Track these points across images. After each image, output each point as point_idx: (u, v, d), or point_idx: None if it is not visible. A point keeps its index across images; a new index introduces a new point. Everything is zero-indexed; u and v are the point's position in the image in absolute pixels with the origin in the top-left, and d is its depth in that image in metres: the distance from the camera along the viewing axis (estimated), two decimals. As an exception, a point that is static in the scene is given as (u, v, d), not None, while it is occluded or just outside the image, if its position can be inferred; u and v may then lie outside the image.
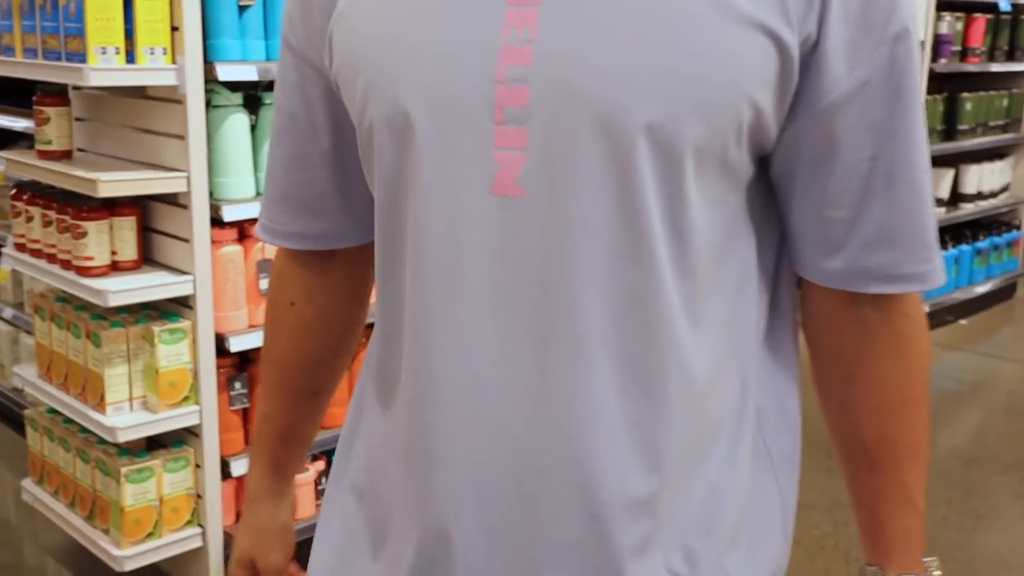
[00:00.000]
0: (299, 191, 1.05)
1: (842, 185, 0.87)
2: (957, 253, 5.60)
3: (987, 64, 5.44)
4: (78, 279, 2.55)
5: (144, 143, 2.67)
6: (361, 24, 0.88)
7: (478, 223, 0.83)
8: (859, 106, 0.84)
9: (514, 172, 0.81)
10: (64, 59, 2.44)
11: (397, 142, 0.86)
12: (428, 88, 0.83)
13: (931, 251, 0.90)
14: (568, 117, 0.79)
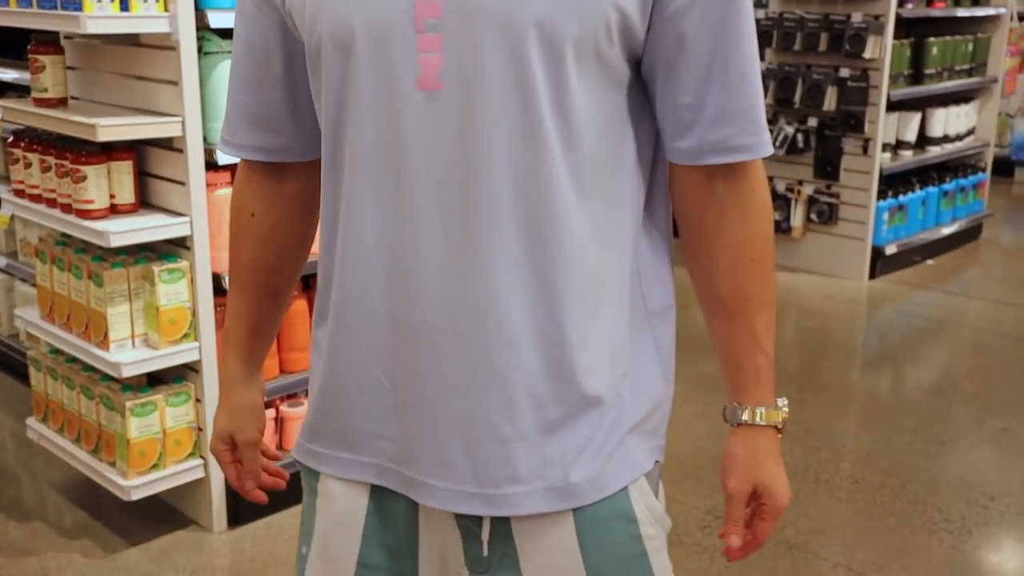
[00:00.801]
0: (256, 110, 1.23)
1: (689, 75, 1.07)
2: (924, 195, 5.75)
3: (953, 9, 5.56)
4: (79, 222, 2.65)
5: (137, 90, 2.75)
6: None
7: (409, 112, 1.03)
8: (698, 10, 1.04)
9: (435, 70, 1.01)
10: (60, 7, 2.52)
11: (342, 54, 1.05)
12: (364, 9, 1.03)
13: (759, 127, 1.10)
14: (472, 23, 0.99)
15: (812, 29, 5.14)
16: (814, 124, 5.32)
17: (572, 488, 1.09)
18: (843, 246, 5.46)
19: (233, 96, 1.24)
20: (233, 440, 1.35)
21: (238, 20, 1.21)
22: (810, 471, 3.39)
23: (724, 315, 1.17)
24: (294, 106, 1.22)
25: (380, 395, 1.12)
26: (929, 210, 5.81)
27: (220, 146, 1.29)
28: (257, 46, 1.19)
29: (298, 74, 1.19)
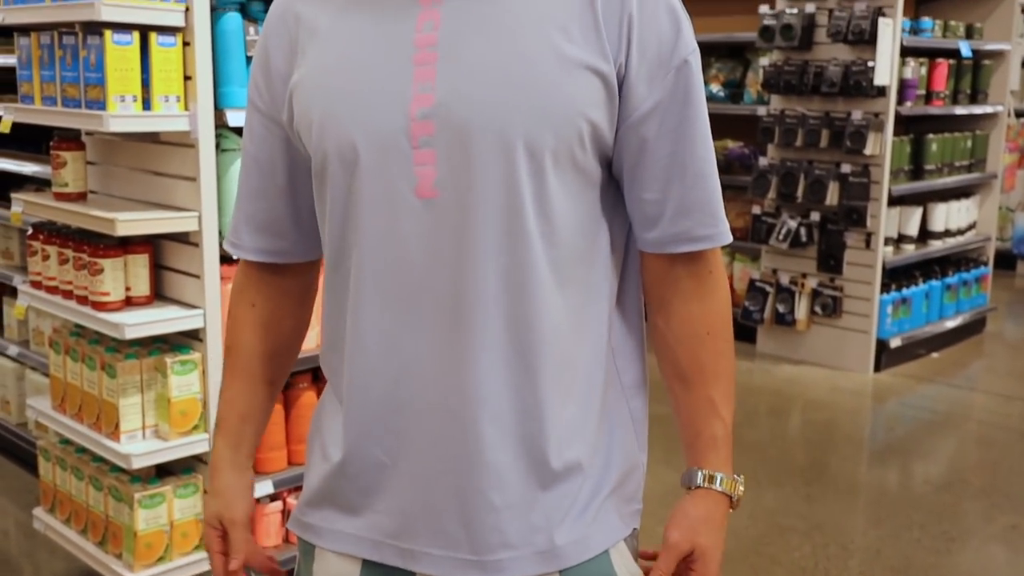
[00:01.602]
0: (261, 216, 1.35)
1: (651, 174, 1.20)
2: (927, 288, 5.79)
3: (951, 107, 5.68)
4: (95, 313, 2.69)
5: (155, 184, 2.82)
6: (313, 88, 1.21)
7: (408, 218, 1.15)
8: (658, 117, 1.18)
9: (430, 180, 1.14)
10: (84, 107, 2.60)
11: (347, 168, 1.18)
12: (365, 127, 1.16)
13: (717, 219, 1.23)
14: (462, 139, 1.13)
15: (813, 126, 5.25)
16: (817, 218, 5.40)
17: (558, 550, 1.19)
18: (848, 339, 5.49)
19: (240, 205, 1.37)
20: (222, 523, 1.39)
21: (247, 137, 1.34)
22: (819, 567, 3.37)
23: (683, 383, 1.28)
24: (296, 213, 1.34)
25: (379, 472, 1.21)
26: (933, 303, 5.85)
27: (227, 247, 1.40)
28: (263, 160, 1.33)
29: (301, 185, 1.32)
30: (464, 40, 1.14)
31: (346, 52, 1.19)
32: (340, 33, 1.20)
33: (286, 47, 1.25)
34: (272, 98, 1.28)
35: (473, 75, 1.13)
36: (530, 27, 1.14)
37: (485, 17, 1.14)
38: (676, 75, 1.17)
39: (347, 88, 1.17)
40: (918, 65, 5.36)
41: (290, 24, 1.25)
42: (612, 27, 1.14)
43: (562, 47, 1.13)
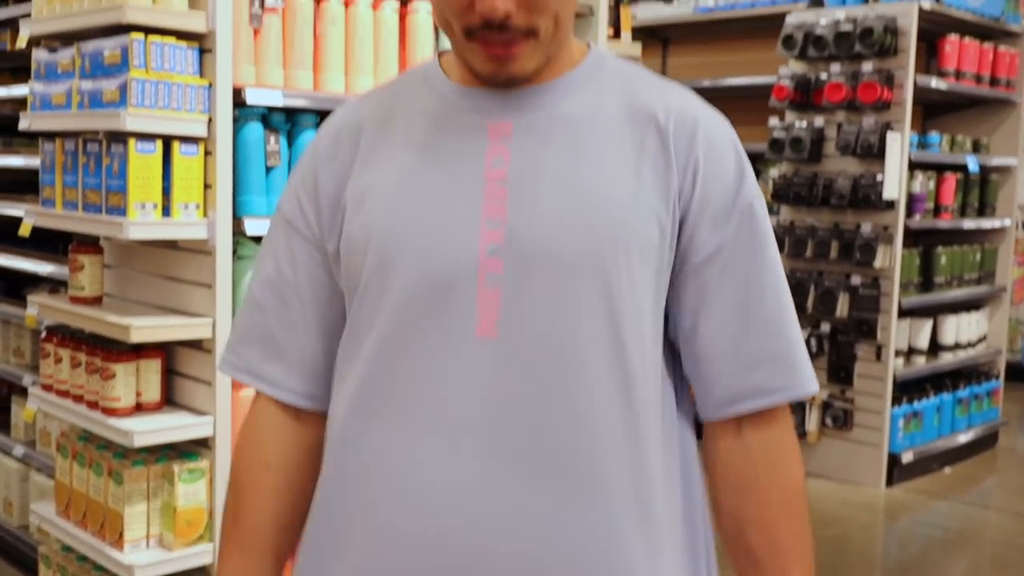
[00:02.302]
0: (296, 352, 1.22)
1: (713, 325, 1.13)
2: (939, 402, 5.75)
3: (959, 220, 5.71)
4: (104, 419, 2.67)
5: (170, 290, 2.83)
6: (372, 209, 1.14)
7: (464, 359, 1.09)
8: (719, 263, 1.13)
9: (493, 320, 1.09)
10: (104, 213, 2.62)
11: (400, 298, 1.11)
12: (427, 258, 1.10)
13: (795, 369, 1.14)
14: (532, 279, 1.08)
15: (823, 237, 5.27)
16: (827, 329, 5.39)
17: None
18: (859, 452, 5.42)
19: (274, 336, 1.23)
20: None
21: (282, 262, 1.23)
22: None
23: (756, 568, 1.17)
24: (329, 352, 1.22)
25: None
26: (944, 417, 5.79)
27: (251, 380, 1.25)
28: (305, 290, 1.21)
29: (337, 320, 1.22)
30: (535, 176, 1.11)
31: (411, 177, 1.14)
32: (404, 156, 1.16)
33: (339, 167, 1.19)
34: (319, 223, 1.20)
35: (545, 213, 1.09)
36: (603, 165, 1.11)
37: (556, 153, 1.12)
38: (740, 219, 1.14)
39: (410, 215, 1.12)
40: (926, 179, 5.41)
41: (345, 142, 1.20)
42: (681, 167, 1.12)
43: (635, 187, 1.10)
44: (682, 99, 1.17)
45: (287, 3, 2.79)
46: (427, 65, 1.24)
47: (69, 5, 2.74)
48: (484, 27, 1.07)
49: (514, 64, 1.10)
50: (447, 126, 1.16)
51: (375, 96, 1.25)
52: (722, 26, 6.13)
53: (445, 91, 1.18)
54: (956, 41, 5.34)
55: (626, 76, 1.19)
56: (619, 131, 1.13)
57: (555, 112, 1.14)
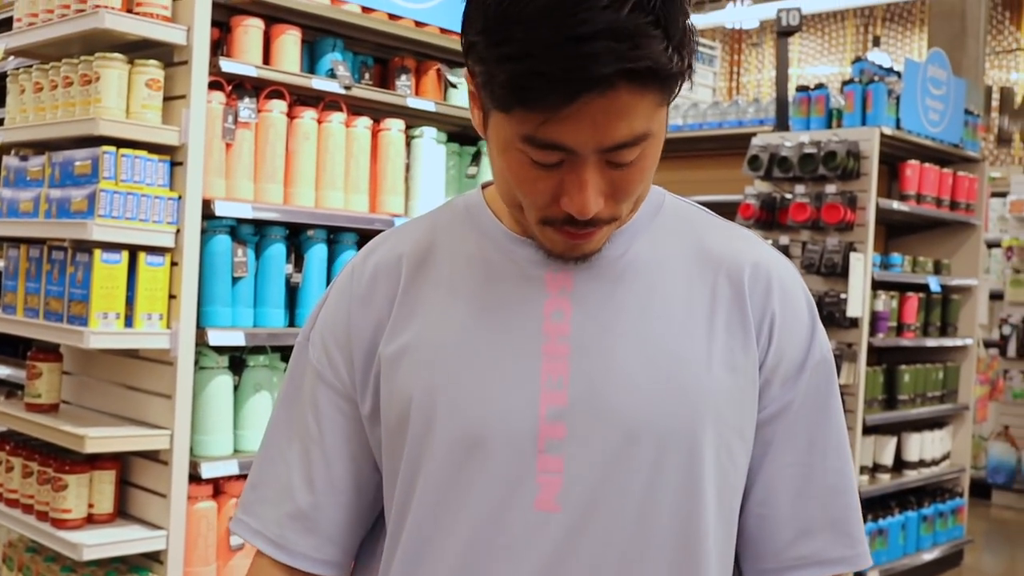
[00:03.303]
0: (316, 514, 1.10)
1: (772, 485, 1.06)
2: (903, 519, 5.73)
3: (922, 339, 5.78)
4: (53, 531, 2.61)
5: (129, 399, 2.80)
6: (418, 363, 1.04)
7: (521, 533, 0.99)
8: (786, 420, 1.06)
9: (554, 492, 0.99)
10: (66, 321, 2.61)
11: (449, 464, 1.01)
12: (482, 421, 1.01)
13: (854, 539, 1.07)
14: (598, 447, 0.99)
15: (788, 353, 5.31)
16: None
17: None
18: (824, 570, 5.37)
19: (291, 494, 1.11)
20: None
21: (307, 414, 1.11)
22: None
23: None
24: (358, 517, 1.13)
25: None
26: (909, 535, 5.77)
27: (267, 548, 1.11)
28: (330, 446, 1.09)
29: (369, 481, 1.11)
30: (600, 332, 1.01)
31: (460, 330, 1.04)
32: (452, 306, 1.05)
33: (377, 310, 1.08)
34: (351, 373, 1.08)
35: (613, 373, 1.00)
36: (674, 319, 1.03)
37: (621, 309, 1.03)
38: (810, 376, 1.07)
39: (461, 371, 1.02)
40: (889, 298, 5.49)
41: (382, 283, 1.09)
42: (757, 319, 1.05)
43: (709, 344, 1.02)
44: (752, 245, 1.10)
45: (260, 118, 2.84)
46: (469, 199, 1.13)
47: (43, 114, 2.77)
48: (567, 222, 0.98)
49: (589, 246, 1.02)
50: (499, 275, 1.05)
51: (413, 232, 1.13)
52: (690, 144, 6.28)
53: (496, 235, 1.08)
54: (917, 166, 5.49)
55: (688, 217, 1.11)
56: (686, 279, 1.05)
57: (616, 260, 1.05)
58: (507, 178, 0.99)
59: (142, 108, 2.61)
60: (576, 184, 0.95)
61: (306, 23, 2.98)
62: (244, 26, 2.81)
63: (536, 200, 0.98)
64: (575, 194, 0.95)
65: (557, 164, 0.95)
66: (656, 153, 1.00)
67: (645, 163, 0.97)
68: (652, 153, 0.98)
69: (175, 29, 2.61)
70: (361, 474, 1.11)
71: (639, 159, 0.96)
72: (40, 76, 2.79)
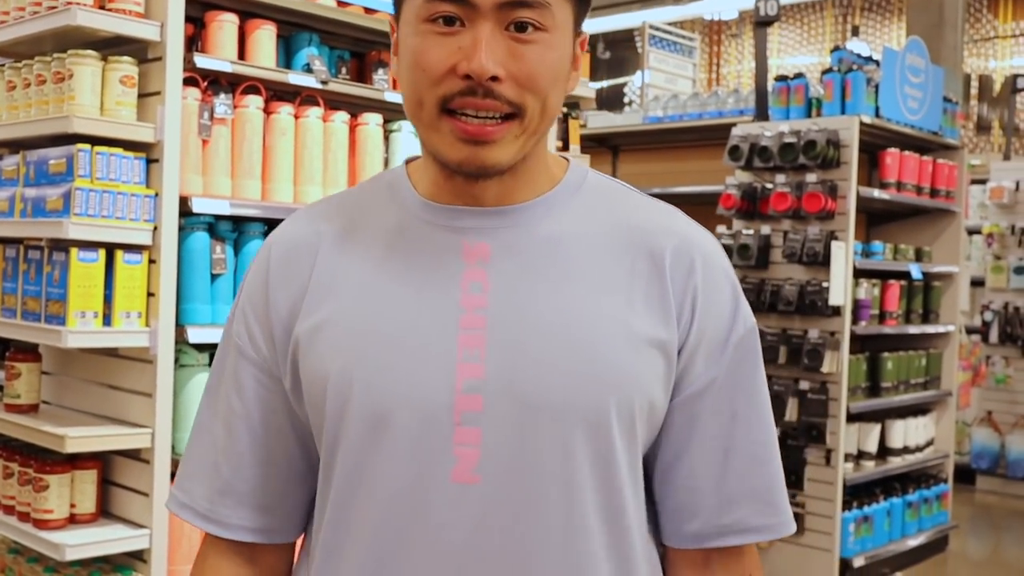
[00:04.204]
0: (246, 487, 1.12)
1: (698, 459, 1.08)
2: (888, 506, 5.75)
3: (904, 326, 5.80)
4: (35, 532, 2.60)
5: (110, 398, 2.79)
6: (332, 339, 1.05)
7: (440, 505, 1.00)
8: (711, 396, 1.08)
9: (471, 464, 1.00)
10: (44, 321, 2.60)
11: (368, 439, 1.02)
12: (397, 395, 1.01)
13: (777, 508, 1.10)
14: (515, 418, 1.00)
15: (771, 342, 5.33)
16: (778, 433, 5.40)
17: None
18: (810, 557, 5.39)
19: (218, 471, 1.13)
20: None
21: (229, 390, 1.13)
22: None
23: None
24: (289, 484, 1.14)
25: None
26: (895, 521, 5.79)
27: (200, 523, 1.14)
28: (256, 421, 1.12)
29: (298, 451, 1.13)
30: (517, 306, 1.02)
31: (376, 303, 1.05)
32: (368, 280, 1.06)
33: (294, 287, 1.08)
34: (271, 347, 1.10)
35: (530, 347, 1.01)
36: (591, 295, 1.04)
37: (539, 281, 1.04)
38: (734, 352, 1.08)
39: (376, 346, 1.03)
40: (871, 286, 5.51)
41: (300, 260, 1.09)
42: (678, 296, 1.06)
43: (627, 319, 1.03)
44: (675, 221, 1.12)
45: (236, 114, 2.82)
46: (393, 173, 1.14)
47: (16, 113, 2.75)
48: (465, 93, 0.99)
49: (489, 151, 1.00)
50: (417, 246, 1.06)
51: (333, 206, 1.14)
52: (670, 135, 6.28)
53: (413, 205, 1.09)
54: (896, 154, 5.51)
55: (611, 193, 1.12)
56: (606, 254, 1.06)
57: (535, 233, 1.06)
58: (412, 69, 1.01)
59: (116, 105, 2.59)
60: (472, 41, 0.98)
61: (281, 18, 2.97)
62: (219, 21, 2.80)
63: (435, 71, 0.99)
64: (471, 51, 0.98)
65: (457, 23, 0.99)
66: (560, 57, 1.02)
67: (547, 54, 1.00)
68: (556, 47, 1.01)
69: (148, 25, 2.60)
70: (288, 445, 1.12)
71: (541, 45, 1.00)
72: (13, 75, 2.76)
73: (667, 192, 6.11)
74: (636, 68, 10.74)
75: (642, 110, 6.42)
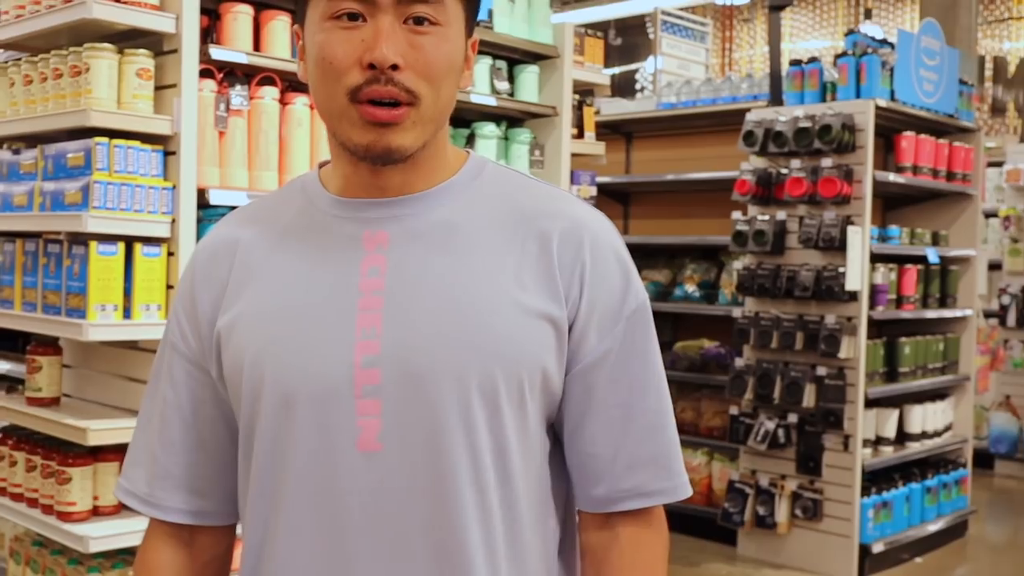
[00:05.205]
0: (181, 472, 1.22)
1: (599, 427, 1.16)
2: (908, 491, 5.74)
3: (922, 311, 5.78)
4: (59, 524, 2.61)
5: (130, 390, 2.80)
6: (246, 329, 1.15)
7: (348, 473, 1.09)
8: (606, 367, 1.15)
9: (374, 432, 1.09)
10: (64, 314, 2.61)
11: (279, 417, 1.11)
12: (303, 374, 1.11)
13: (673, 472, 1.18)
14: (411, 389, 1.09)
15: (788, 328, 5.31)
16: (795, 420, 5.39)
17: None
18: (830, 543, 5.39)
19: (154, 458, 1.22)
20: None
21: (164, 383, 1.22)
22: None
23: None
24: (222, 469, 1.23)
25: None
26: (914, 507, 5.78)
27: (137, 505, 1.24)
28: (186, 410, 1.21)
29: (227, 437, 1.22)
30: (412, 286, 1.11)
31: (284, 293, 1.14)
32: (279, 273, 1.16)
33: (215, 288, 1.19)
34: (199, 342, 1.19)
35: (422, 322, 1.10)
36: (481, 274, 1.12)
37: (434, 263, 1.12)
38: (626, 325, 1.16)
39: (284, 331, 1.12)
40: (888, 271, 5.49)
41: (220, 262, 1.19)
42: (566, 274, 1.13)
43: (516, 294, 1.11)
44: (566, 205, 1.19)
45: (252, 105, 2.82)
46: (306, 176, 1.24)
47: (33, 107, 2.76)
48: (370, 82, 1.07)
49: (394, 134, 1.09)
50: (323, 239, 1.16)
51: (252, 211, 1.24)
52: (684, 121, 6.26)
53: (322, 203, 1.18)
54: (912, 137, 5.48)
55: (507, 182, 1.21)
56: (498, 237, 1.14)
57: (432, 219, 1.15)
58: (320, 65, 1.09)
59: (133, 98, 2.59)
60: (374, 32, 1.07)
61: (296, 8, 2.96)
62: (233, 13, 2.80)
63: (342, 63, 1.08)
64: (373, 43, 1.07)
65: (359, 19, 1.08)
66: (454, 50, 1.12)
67: (442, 45, 1.10)
68: (450, 40, 1.11)
69: (164, 17, 2.60)
70: (219, 432, 1.22)
71: (435, 36, 1.09)
72: (30, 69, 2.77)
73: (681, 178, 6.10)
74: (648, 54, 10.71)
75: (655, 96, 6.40)
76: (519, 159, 3.55)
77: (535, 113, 3.59)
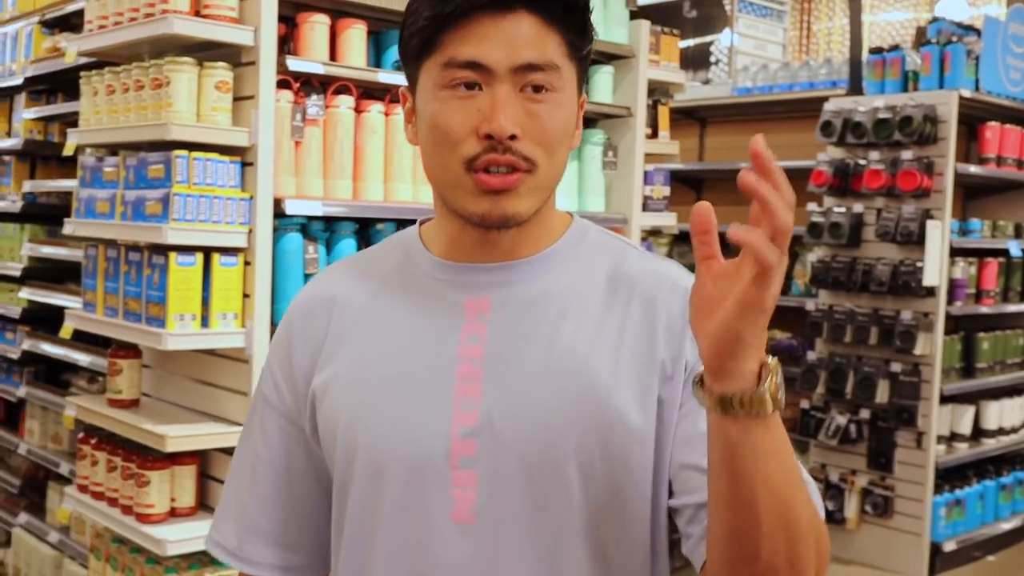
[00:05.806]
0: (274, 527, 1.23)
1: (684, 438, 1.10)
2: (982, 489, 5.63)
3: (1002, 305, 5.64)
4: (138, 526, 2.69)
5: (207, 395, 2.86)
6: (343, 391, 1.14)
7: (441, 545, 1.08)
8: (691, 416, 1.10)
9: (469, 504, 1.07)
10: (144, 322, 2.66)
11: (374, 483, 1.10)
12: (399, 441, 1.09)
13: None
14: (508, 461, 1.07)
15: (862, 323, 5.22)
16: (867, 415, 5.32)
17: None
18: (900, 540, 5.32)
19: (246, 513, 1.24)
20: None
21: (256, 437, 1.24)
22: None
23: None
24: (315, 524, 1.23)
25: None
26: (988, 505, 5.67)
27: (230, 560, 1.25)
28: (280, 466, 1.22)
29: (320, 494, 1.22)
30: (512, 356, 1.10)
31: (380, 357, 1.13)
32: (376, 335, 1.15)
33: (312, 344, 1.18)
34: (294, 398, 1.20)
35: (521, 394, 1.08)
36: (582, 343, 1.10)
37: (534, 332, 1.11)
38: None
39: (381, 396, 1.11)
40: (967, 264, 5.35)
41: (318, 319, 1.19)
42: (675, 337, 1.10)
43: (616, 365, 1.09)
44: (668, 268, 1.18)
45: (328, 115, 2.84)
46: (407, 234, 1.23)
47: (115, 117, 2.80)
48: (487, 151, 1.06)
49: (509, 201, 1.08)
50: (424, 303, 1.14)
51: (350, 268, 1.24)
52: (760, 108, 6.14)
53: (425, 265, 1.17)
54: (997, 127, 5.32)
55: (610, 249, 1.19)
56: (598, 305, 1.13)
57: (534, 287, 1.13)
58: (434, 132, 1.08)
59: (212, 111, 2.62)
60: (490, 103, 1.06)
61: (372, 15, 2.97)
62: (310, 22, 2.81)
63: (458, 133, 1.06)
64: (491, 113, 1.05)
65: (476, 88, 1.06)
66: (568, 116, 1.10)
67: (557, 112, 1.08)
68: (565, 106, 1.09)
69: (243, 30, 2.61)
70: (310, 487, 1.22)
71: (551, 103, 1.08)
72: (112, 79, 2.81)
73: (756, 167, 5.99)
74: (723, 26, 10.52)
75: (730, 80, 6.29)
76: (592, 160, 3.52)
77: (609, 114, 3.55)
